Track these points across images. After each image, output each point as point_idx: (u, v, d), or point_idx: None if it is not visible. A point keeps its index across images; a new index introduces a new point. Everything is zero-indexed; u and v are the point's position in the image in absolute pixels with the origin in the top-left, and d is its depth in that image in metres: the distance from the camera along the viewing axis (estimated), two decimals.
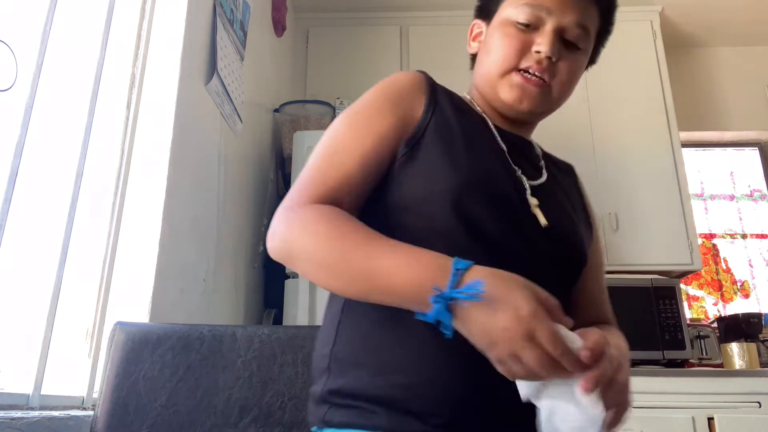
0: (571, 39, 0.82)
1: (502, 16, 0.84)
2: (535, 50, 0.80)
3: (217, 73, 1.71)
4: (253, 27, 2.12)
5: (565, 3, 0.81)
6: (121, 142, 1.41)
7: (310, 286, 1.90)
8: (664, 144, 2.71)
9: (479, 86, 0.88)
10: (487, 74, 0.85)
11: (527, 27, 0.81)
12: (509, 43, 0.81)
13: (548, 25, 0.80)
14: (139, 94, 1.46)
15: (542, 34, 0.80)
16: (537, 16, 0.80)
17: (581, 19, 0.82)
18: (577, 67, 0.84)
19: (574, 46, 0.82)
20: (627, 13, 2.95)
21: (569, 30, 0.81)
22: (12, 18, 1.06)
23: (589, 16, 0.83)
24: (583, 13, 0.82)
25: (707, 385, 2.06)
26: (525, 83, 0.80)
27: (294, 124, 2.39)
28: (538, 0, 0.81)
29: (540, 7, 0.80)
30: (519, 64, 0.80)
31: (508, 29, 0.82)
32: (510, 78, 0.81)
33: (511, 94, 0.81)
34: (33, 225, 1.13)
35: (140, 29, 1.50)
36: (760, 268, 3.00)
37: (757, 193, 3.14)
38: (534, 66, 0.80)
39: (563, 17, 0.81)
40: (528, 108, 0.82)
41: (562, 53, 0.81)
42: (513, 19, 0.82)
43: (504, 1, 0.85)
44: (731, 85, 3.18)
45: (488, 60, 0.84)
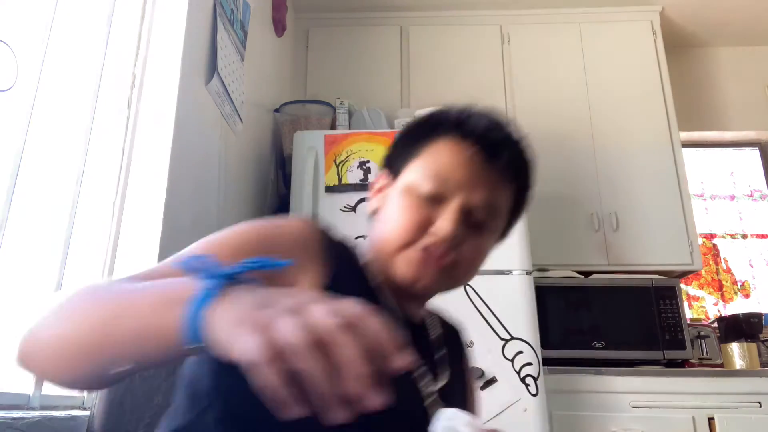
0: (479, 219, 0.72)
1: (407, 179, 0.74)
2: (434, 230, 0.70)
3: (217, 73, 1.71)
4: (253, 27, 2.12)
5: (476, 181, 0.72)
6: (121, 142, 1.41)
7: None
8: (664, 144, 2.71)
9: (375, 256, 0.76)
10: (383, 245, 0.74)
11: (431, 200, 0.71)
12: (410, 216, 0.71)
13: (454, 202, 0.71)
14: (139, 94, 1.46)
15: (446, 211, 0.70)
16: (443, 189, 0.71)
17: (492, 199, 0.72)
18: (482, 248, 0.74)
19: (481, 227, 0.73)
20: (627, 13, 2.95)
21: (477, 210, 0.71)
22: (12, 18, 1.06)
23: (501, 196, 0.74)
24: (495, 192, 0.73)
25: (707, 385, 2.06)
26: (423, 262, 0.70)
27: (294, 124, 2.39)
28: (446, 174, 0.72)
29: (447, 181, 0.71)
30: (418, 241, 0.70)
31: (410, 199, 0.72)
32: (408, 254, 0.71)
33: (408, 271, 0.71)
34: (34, 225, 1.13)
35: (141, 29, 1.50)
36: (761, 268, 2.99)
37: (757, 193, 3.14)
38: (433, 246, 0.70)
39: (472, 195, 0.71)
40: (423, 288, 0.72)
41: (466, 235, 0.71)
42: (417, 188, 0.72)
43: (411, 162, 0.75)
44: (731, 85, 3.18)
45: (385, 231, 0.74)
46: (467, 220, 0.71)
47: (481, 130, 0.74)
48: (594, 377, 2.10)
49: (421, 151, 0.75)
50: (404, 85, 2.86)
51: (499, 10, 2.97)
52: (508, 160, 0.74)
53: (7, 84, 1.03)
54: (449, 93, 2.79)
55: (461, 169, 0.72)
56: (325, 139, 2.10)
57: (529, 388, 1.80)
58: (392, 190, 0.77)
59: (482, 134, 0.73)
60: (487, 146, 0.73)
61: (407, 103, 2.81)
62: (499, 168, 0.73)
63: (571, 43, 2.91)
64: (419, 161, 0.75)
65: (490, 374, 1.80)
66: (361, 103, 2.59)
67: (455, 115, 0.76)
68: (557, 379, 2.07)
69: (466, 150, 0.72)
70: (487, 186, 0.72)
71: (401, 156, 0.78)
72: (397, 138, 0.81)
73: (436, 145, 0.74)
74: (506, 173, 0.74)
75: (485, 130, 0.74)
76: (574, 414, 2.04)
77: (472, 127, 0.74)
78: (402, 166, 0.77)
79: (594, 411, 2.04)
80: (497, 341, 1.84)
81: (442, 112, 0.78)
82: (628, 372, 2.11)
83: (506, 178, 0.74)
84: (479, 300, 1.89)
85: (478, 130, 0.74)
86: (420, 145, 0.76)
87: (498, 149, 0.73)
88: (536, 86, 2.82)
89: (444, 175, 0.72)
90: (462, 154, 0.72)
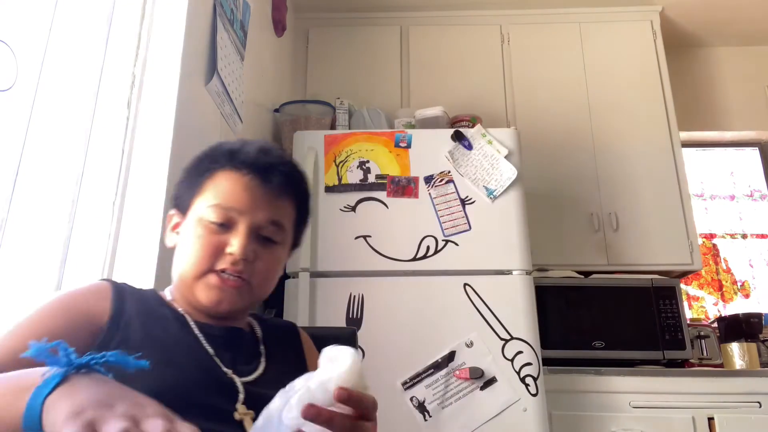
0: (267, 234, 0.82)
1: (197, 213, 0.83)
2: (228, 252, 0.79)
3: (217, 73, 1.71)
4: (253, 27, 2.12)
5: (256, 202, 0.81)
6: (121, 142, 1.41)
7: (310, 286, 1.90)
8: (664, 144, 2.71)
9: (179, 287, 0.84)
10: (182, 276, 0.81)
11: (221, 226, 0.80)
12: (203, 244, 0.79)
13: (241, 225, 0.80)
14: (139, 94, 1.46)
15: (236, 235, 0.79)
16: (230, 216, 0.80)
17: (274, 216, 0.83)
18: (275, 260, 0.84)
19: (270, 241, 0.83)
20: (627, 13, 2.95)
21: (263, 228, 0.81)
22: (12, 18, 1.06)
23: (282, 212, 0.84)
24: (276, 210, 0.83)
25: (707, 385, 2.06)
26: (222, 284, 0.78)
27: (294, 124, 2.39)
28: (230, 202, 0.81)
29: (231, 209, 0.80)
30: (214, 266, 0.79)
31: (202, 230, 0.81)
32: (206, 279, 0.79)
33: (209, 296, 0.79)
34: (33, 225, 1.13)
35: (141, 29, 1.50)
36: (761, 268, 2.99)
37: (757, 193, 3.14)
38: (230, 267, 0.78)
39: (255, 215, 0.81)
40: (227, 309, 0.80)
41: (258, 252, 0.81)
42: (206, 219, 0.81)
43: (197, 197, 0.84)
44: (731, 85, 3.18)
45: (183, 262, 0.81)
46: (257, 238, 0.81)
47: (252, 157, 0.83)
48: (594, 377, 2.10)
49: (203, 186, 0.84)
50: (404, 85, 2.86)
51: (499, 10, 2.97)
52: (280, 179, 0.84)
53: (7, 84, 1.03)
54: (449, 93, 2.79)
55: (242, 194, 0.81)
56: (324, 139, 2.10)
57: (528, 388, 1.80)
58: (184, 226, 0.85)
59: (254, 161, 0.83)
60: (260, 171, 0.83)
61: (407, 103, 2.81)
62: (275, 187, 0.83)
63: (571, 43, 2.91)
64: (204, 195, 0.83)
65: (490, 374, 1.80)
66: (361, 103, 2.59)
67: (228, 149, 0.86)
68: (557, 379, 2.07)
69: (242, 177, 0.82)
70: (267, 205, 0.82)
71: (187, 193, 0.86)
72: (181, 178, 0.89)
73: (216, 178, 0.83)
74: (282, 190, 0.84)
75: (255, 157, 0.84)
76: (573, 414, 2.04)
77: (243, 157, 0.83)
78: (189, 202, 0.85)
79: (594, 411, 2.04)
80: (497, 341, 1.84)
81: (216, 148, 0.87)
82: (627, 372, 2.11)
83: (283, 195, 0.84)
84: (479, 300, 1.89)
85: (249, 158, 0.83)
86: (202, 180, 0.85)
87: (269, 171, 0.83)
88: (536, 86, 2.82)
89: (228, 203, 0.81)
90: (240, 181, 0.82)
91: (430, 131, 2.16)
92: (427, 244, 1.96)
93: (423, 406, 1.78)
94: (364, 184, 2.03)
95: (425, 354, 1.83)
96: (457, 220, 1.98)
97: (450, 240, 1.96)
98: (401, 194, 2.02)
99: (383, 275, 1.93)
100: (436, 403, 1.78)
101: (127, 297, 0.79)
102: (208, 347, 0.78)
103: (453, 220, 1.98)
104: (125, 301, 0.78)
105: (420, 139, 2.09)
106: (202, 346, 0.78)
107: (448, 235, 1.97)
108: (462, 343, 1.84)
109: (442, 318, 1.87)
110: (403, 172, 2.04)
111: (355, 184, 2.03)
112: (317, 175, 2.05)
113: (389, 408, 1.76)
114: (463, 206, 2.00)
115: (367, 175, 2.05)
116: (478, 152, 2.07)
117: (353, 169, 2.05)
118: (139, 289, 0.83)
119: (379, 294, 1.91)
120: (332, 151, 2.09)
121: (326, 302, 1.90)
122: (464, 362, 1.82)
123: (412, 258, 1.95)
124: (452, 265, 1.93)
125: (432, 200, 2.01)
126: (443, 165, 2.05)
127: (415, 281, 1.92)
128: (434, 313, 1.88)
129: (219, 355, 0.78)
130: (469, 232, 1.96)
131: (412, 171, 2.04)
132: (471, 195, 2.01)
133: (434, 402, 1.78)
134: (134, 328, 0.74)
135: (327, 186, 2.04)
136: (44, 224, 1.17)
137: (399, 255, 1.95)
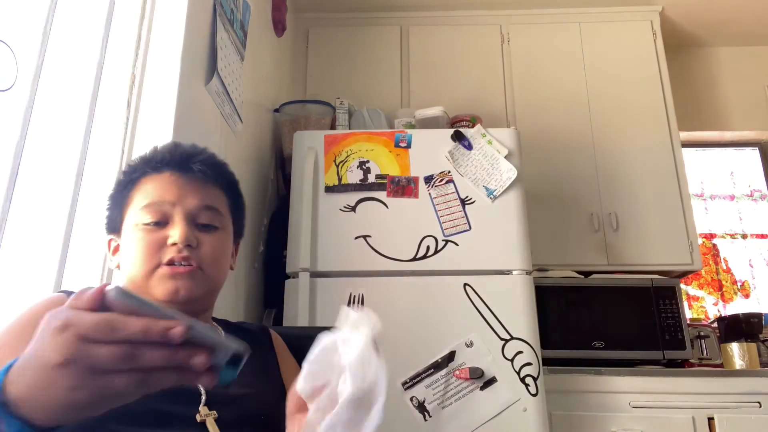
0: (204, 221, 0.83)
1: (130, 222, 0.84)
2: (170, 243, 0.80)
3: (217, 73, 1.71)
4: (253, 27, 2.12)
5: (184, 191, 0.83)
6: (121, 142, 1.41)
7: (310, 286, 1.90)
8: (664, 144, 2.71)
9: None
10: (133, 279, 0.81)
11: (158, 225, 0.81)
12: (145, 244, 0.80)
13: (176, 216, 0.81)
14: (139, 94, 1.46)
15: (174, 226, 0.81)
16: (162, 211, 0.81)
17: (206, 201, 0.84)
18: (220, 244, 0.85)
19: (210, 227, 0.84)
20: (627, 13, 2.95)
21: (198, 214, 0.83)
22: (12, 18, 1.06)
23: (213, 196, 0.86)
24: (205, 194, 0.85)
25: (707, 385, 2.06)
26: (173, 273, 0.79)
27: (294, 124, 2.39)
28: (158, 197, 0.82)
29: (162, 203, 0.82)
30: (162, 260, 0.80)
31: (139, 233, 0.82)
32: (157, 274, 0.80)
33: (165, 287, 0.79)
34: (33, 225, 1.13)
35: (140, 29, 1.50)
36: (761, 268, 2.99)
37: (757, 193, 3.14)
38: (176, 256, 0.79)
39: (187, 203, 0.82)
40: (186, 296, 0.80)
41: (200, 237, 0.82)
42: (141, 222, 0.82)
43: (126, 210, 0.85)
44: (731, 85, 3.18)
45: (130, 268, 0.82)
46: (195, 226, 0.83)
47: (166, 155, 0.86)
48: (594, 377, 2.10)
49: (130, 198, 0.85)
50: (404, 85, 2.86)
51: (499, 10, 2.97)
52: (200, 167, 0.85)
53: (7, 84, 1.03)
54: (449, 93, 2.79)
55: (168, 187, 0.83)
56: (324, 139, 2.10)
57: (528, 388, 1.80)
58: (123, 240, 0.85)
59: (169, 158, 0.85)
60: (177, 165, 0.85)
61: (407, 103, 2.81)
62: (198, 175, 0.85)
63: (571, 43, 2.91)
64: (132, 204, 0.84)
65: (490, 374, 1.80)
66: (361, 103, 2.59)
67: (141, 158, 0.88)
68: (557, 379, 2.07)
69: (164, 176, 0.84)
70: (196, 192, 0.84)
71: (115, 212, 0.87)
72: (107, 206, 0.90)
73: (140, 185, 0.85)
74: (205, 176, 0.86)
75: (170, 154, 0.86)
76: (573, 414, 2.04)
77: (159, 157, 0.86)
78: (121, 219, 0.86)
79: (594, 411, 2.04)
80: (497, 341, 1.84)
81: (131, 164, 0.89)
82: (627, 372, 2.11)
83: (208, 180, 0.86)
84: (479, 300, 1.89)
85: (165, 157, 0.86)
86: (126, 193, 0.86)
87: (187, 162, 0.85)
88: (536, 86, 2.83)
89: (158, 202, 0.82)
90: (163, 179, 0.84)
91: (430, 131, 2.16)
92: (427, 244, 1.96)
93: (423, 406, 1.78)
94: (364, 184, 2.03)
95: (425, 354, 1.83)
96: (457, 220, 1.98)
97: (450, 240, 1.96)
98: (401, 194, 2.02)
99: (383, 275, 1.93)
100: (436, 403, 1.78)
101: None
102: None
103: (453, 220, 1.98)
104: None
105: (420, 139, 2.09)
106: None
107: (448, 235, 1.97)
108: (462, 343, 1.84)
109: (442, 318, 1.87)
110: (403, 172, 2.04)
111: (355, 184, 2.03)
112: (317, 175, 2.05)
113: (389, 408, 1.76)
114: (463, 206, 2.00)
115: (367, 175, 2.05)
116: (478, 152, 2.07)
117: (353, 169, 2.05)
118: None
119: (379, 294, 1.91)
120: (332, 151, 2.09)
121: (326, 302, 1.90)
122: (464, 362, 1.82)
123: (412, 258, 1.95)
124: (452, 265, 1.93)
125: (432, 200, 2.01)
126: (443, 165, 2.05)
127: (415, 281, 1.92)
128: (434, 313, 1.88)
129: None
130: (469, 232, 1.96)
131: (412, 171, 2.04)
132: (471, 195, 2.01)
133: (434, 402, 1.78)
134: None
135: (327, 186, 2.04)
136: (44, 224, 1.17)
137: (399, 255, 1.95)
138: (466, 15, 2.98)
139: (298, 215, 2.00)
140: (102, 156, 1.35)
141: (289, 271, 1.96)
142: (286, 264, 1.97)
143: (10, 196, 1.01)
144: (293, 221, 2.01)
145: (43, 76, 1.10)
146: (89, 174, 1.27)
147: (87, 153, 1.26)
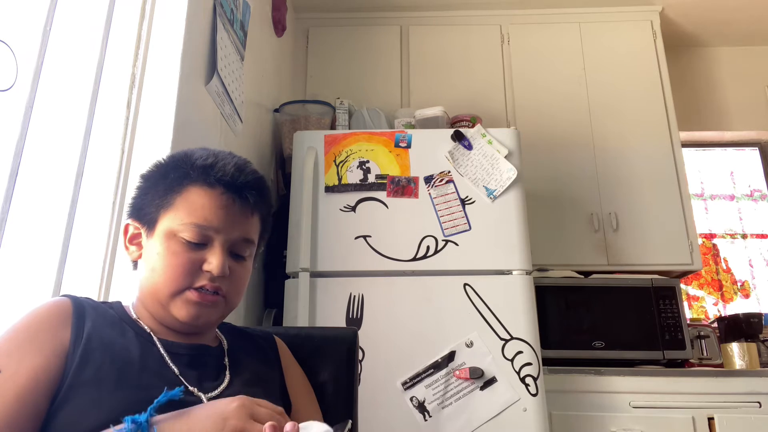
0: (239, 252, 0.84)
1: (166, 228, 0.81)
2: (206, 269, 0.79)
3: (217, 73, 1.71)
4: (253, 27, 2.12)
5: (232, 221, 0.82)
6: (121, 142, 1.41)
7: (310, 286, 1.90)
8: (664, 144, 2.71)
9: (146, 303, 0.83)
10: (156, 294, 0.81)
11: (196, 245, 0.80)
12: (180, 263, 0.79)
13: (217, 243, 0.81)
14: (139, 94, 1.46)
15: (213, 253, 0.80)
16: (206, 233, 0.80)
17: (247, 234, 0.84)
18: (246, 273, 0.86)
19: (241, 257, 0.85)
20: (627, 13, 2.95)
21: (237, 245, 0.83)
22: (12, 18, 1.06)
23: (253, 228, 0.86)
24: (248, 227, 0.85)
25: (707, 385, 2.06)
26: (201, 300, 0.79)
27: (294, 124, 2.39)
28: (206, 220, 0.80)
29: (209, 228, 0.80)
30: (192, 284, 0.79)
31: (176, 247, 0.80)
32: (184, 296, 0.79)
33: (188, 311, 0.79)
34: (33, 225, 1.13)
35: (140, 29, 1.50)
36: (761, 268, 2.99)
37: (757, 193, 3.14)
38: (208, 284, 0.79)
39: (231, 234, 0.82)
40: (204, 323, 0.82)
41: (231, 267, 0.82)
42: (181, 236, 0.80)
43: (166, 211, 0.82)
44: (731, 85, 3.18)
45: (156, 279, 0.80)
46: (230, 254, 0.83)
47: (228, 175, 0.83)
48: (594, 377, 2.10)
49: (173, 200, 0.82)
50: (404, 85, 2.86)
51: (499, 10, 2.97)
52: (255, 198, 0.85)
53: (7, 84, 1.03)
54: (449, 93, 2.79)
55: (219, 212, 0.81)
56: (324, 139, 2.10)
57: (528, 388, 1.80)
58: (152, 240, 0.82)
59: (231, 180, 0.83)
60: (236, 190, 0.83)
61: (407, 103, 2.81)
62: (249, 206, 0.84)
63: (571, 43, 2.91)
64: (175, 210, 0.81)
65: (489, 374, 1.80)
66: (361, 103, 2.59)
67: (201, 164, 0.83)
68: (557, 379, 2.07)
69: (219, 196, 0.82)
70: (241, 224, 0.83)
71: (152, 206, 0.83)
72: (142, 186, 0.87)
73: (189, 193, 0.82)
74: (255, 208, 0.86)
75: (232, 175, 0.83)
76: (573, 414, 2.04)
77: (220, 174, 0.82)
78: (156, 216, 0.82)
79: (593, 411, 2.04)
80: (497, 341, 1.84)
81: (184, 161, 0.85)
82: (627, 372, 2.11)
83: (255, 212, 0.86)
84: (479, 300, 1.89)
85: (226, 176, 0.83)
86: (171, 194, 0.82)
87: (244, 191, 0.84)
88: (536, 86, 2.83)
89: (204, 222, 0.80)
90: (216, 200, 0.81)
91: (430, 131, 2.16)
92: (427, 244, 1.96)
93: (423, 406, 1.78)
94: (364, 184, 2.03)
95: (425, 354, 1.83)
96: (457, 220, 1.98)
97: (450, 240, 1.96)
98: (401, 194, 2.02)
99: (383, 275, 1.93)
100: (436, 403, 1.78)
101: (87, 315, 0.77)
102: (173, 366, 0.78)
103: (453, 220, 1.98)
104: (85, 319, 0.76)
105: (420, 139, 2.09)
106: (168, 365, 0.78)
107: (448, 235, 1.97)
108: (462, 343, 1.84)
109: (442, 318, 1.87)
110: (403, 172, 2.04)
111: (355, 184, 2.03)
112: (317, 175, 2.05)
113: (389, 408, 1.76)
114: (463, 206, 2.00)
115: (367, 175, 2.05)
116: (478, 152, 2.07)
117: (353, 169, 2.05)
118: (102, 304, 0.82)
119: (379, 294, 1.91)
120: (332, 151, 2.09)
121: (326, 302, 1.90)
122: (464, 362, 1.82)
123: (412, 258, 1.95)
124: (452, 265, 1.93)
125: (432, 200, 2.01)
126: (443, 165, 2.05)
127: (415, 281, 1.92)
128: (434, 313, 1.88)
129: (184, 373, 0.78)
130: (469, 232, 1.96)
131: (412, 171, 2.04)
132: (471, 195, 2.01)
133: (434, 402, 1.78)
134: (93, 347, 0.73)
135: (327, 186, 2.04)
136: (44, 224, 1.17)
137: (399, 255, 1.95)
138: (466, 15, 2.98)
139: (298, 215, 2.00)
140: (102, 156, 1.35)
141: (289, 271, 1.96)
142: (286, 264, 1.97)
143: (10, 196, 1.01)
144: (293, 221, 2.01)
145: (43, 76, 1.10)
146: (89, 174, 1.27)
147: (87, 153, 1.26)
